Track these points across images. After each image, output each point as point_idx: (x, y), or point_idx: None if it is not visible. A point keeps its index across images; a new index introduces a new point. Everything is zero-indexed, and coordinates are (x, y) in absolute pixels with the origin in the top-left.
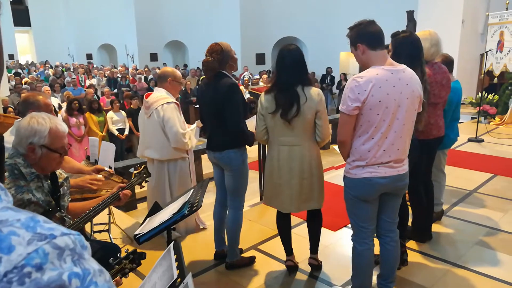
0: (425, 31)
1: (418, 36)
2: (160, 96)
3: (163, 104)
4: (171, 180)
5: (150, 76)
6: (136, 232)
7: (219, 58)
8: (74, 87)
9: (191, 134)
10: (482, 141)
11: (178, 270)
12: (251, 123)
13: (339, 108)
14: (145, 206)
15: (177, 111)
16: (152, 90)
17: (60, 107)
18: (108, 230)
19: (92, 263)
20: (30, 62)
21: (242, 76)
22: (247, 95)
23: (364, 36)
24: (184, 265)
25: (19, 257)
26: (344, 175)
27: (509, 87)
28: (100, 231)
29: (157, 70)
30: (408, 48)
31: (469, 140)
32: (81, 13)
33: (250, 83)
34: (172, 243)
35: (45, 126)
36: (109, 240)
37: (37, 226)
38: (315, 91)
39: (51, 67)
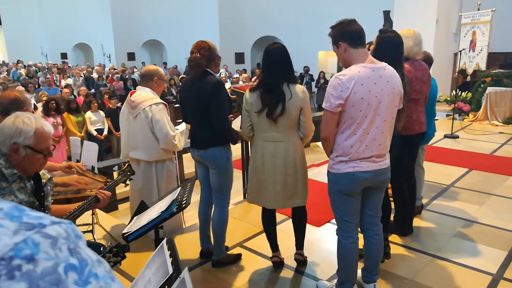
0: (409, 29)
1: (402, 34)
2: (147, 96)
3: (151, 104)
4: (158, 181)
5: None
6: (124, 231)
7: (207, 55)
8: (49, 87)
9: (179, 136)
10: (457, 137)
11: (173, 266)
12: (237, 123)
13: (323, 106)
14: (126, 207)
15: (165, 112)
16: (130, 89)
17: (35, 107)
18: (92, 231)
19: (89, 253)
20: (1, 62)
21: (219, 73)
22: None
23: (346, 35)
24: (179, 260)
25: (5, 248)
26: (328, 171)
27: (482, 85)
28: (83, 232)
29: (135, 70)
30: (391, 49)
31: (445, 136)
32: (55, 12)
33: (227, 81)
34: (165, 239)
35: (30, 126)
36: (93, 241)
37: (23, 216)
38: (300, 88)
39: (24, 67)
